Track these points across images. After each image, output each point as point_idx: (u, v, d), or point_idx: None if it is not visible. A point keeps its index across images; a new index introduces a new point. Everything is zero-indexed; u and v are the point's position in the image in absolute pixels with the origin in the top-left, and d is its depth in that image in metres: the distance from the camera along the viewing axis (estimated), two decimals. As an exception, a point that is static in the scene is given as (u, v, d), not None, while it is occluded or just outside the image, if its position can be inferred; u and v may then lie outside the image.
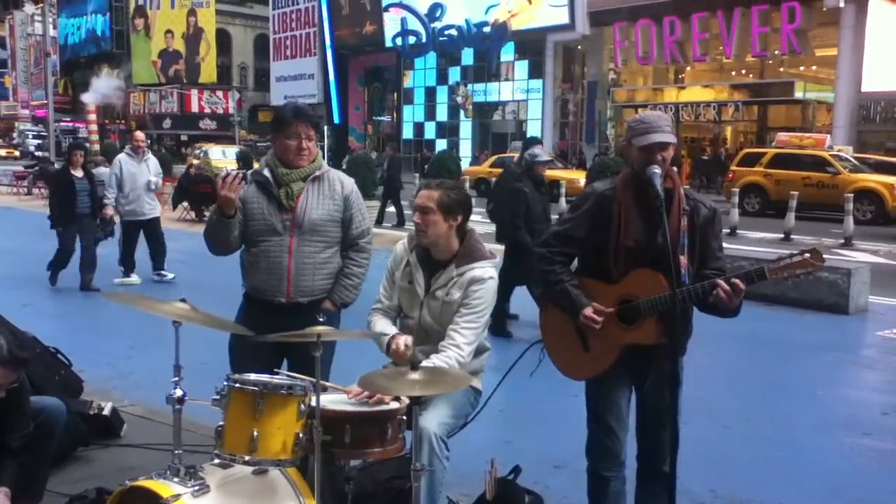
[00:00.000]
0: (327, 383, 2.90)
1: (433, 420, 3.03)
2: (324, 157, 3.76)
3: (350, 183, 3.66)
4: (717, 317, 2.93)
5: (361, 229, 3.63)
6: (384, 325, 3.34)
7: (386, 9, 41.47)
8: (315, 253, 3.50)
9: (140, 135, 10.20)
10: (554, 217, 5.64)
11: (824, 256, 2.87)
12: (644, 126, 2.92)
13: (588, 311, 2.95)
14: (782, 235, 15.54)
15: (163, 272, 9.93)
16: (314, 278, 3.51)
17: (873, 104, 26.68)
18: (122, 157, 9.82)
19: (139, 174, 9.63)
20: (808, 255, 2.79)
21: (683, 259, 2.88)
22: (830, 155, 20.54)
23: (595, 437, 3.13)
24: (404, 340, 3.18)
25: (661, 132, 2.89)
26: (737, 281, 2.80)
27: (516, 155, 10.89)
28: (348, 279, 3.60)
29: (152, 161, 10.03)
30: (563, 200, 19.38)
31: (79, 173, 9.36)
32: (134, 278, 9.70)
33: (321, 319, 2.85)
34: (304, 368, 3.30)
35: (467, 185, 19.36)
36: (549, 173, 24.89)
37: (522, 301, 6.92)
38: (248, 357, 3.42)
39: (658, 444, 3.04)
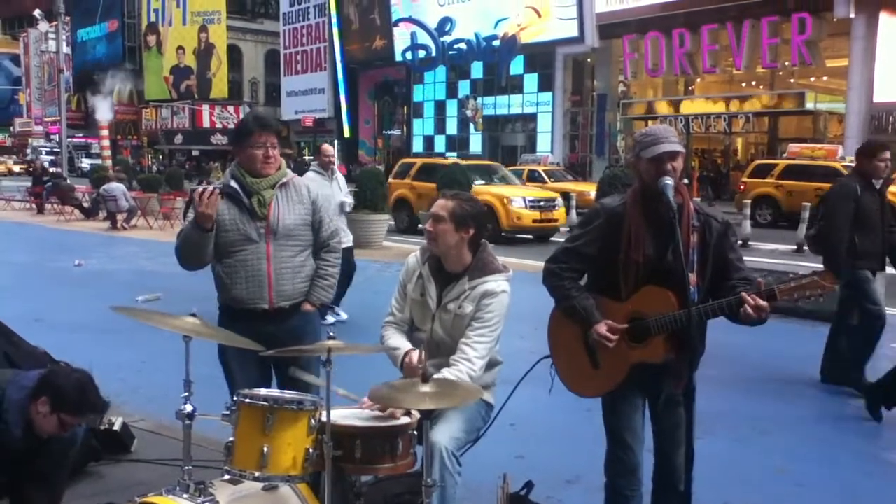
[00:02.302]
0: (340, 391, 2.88)
1: (444, 434, 3.00)
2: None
3: (315, 188, 3.76)
4: (746, 325, 2.86)
5: (331, 230, 3.72)
6: (397, 340, 3.33)
7: (395, 23, 41.72)
8: (291, 257, 3.57)
9: (329, 148, 8.35)
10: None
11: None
12: (651, 138, 2.91)
13: (602, 329, 2.92)
14: (795, 247, 15.44)
15: (337, 310, 8.07)
16: (294, 282, 3.58)
17: (885, 114, 26.57)
18: (310, 175, 7.91)
19: (330, 195, 7.78)
20: (817, 277, 2.75)
21: (693, 276, 2.83)
22: (843, 166, 20.43)
23: (613, 453, 3.09)
24: (417, 355, 3.17)
25: (669, 142, 2.88)
26: (762, 303, 2.74)
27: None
28: (324, 280, 3.69)
29: (341, 178, 8.36)
30: (573, 213, 19.35)
31: None
32: (343, 315, 8.04)
33: (331, 334, 2.83)
34: (293, 379, 3.30)
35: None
36: (560, 185, 25.09)
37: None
38: (238, 370, 3.49)
39: (673, 462, 3.01)
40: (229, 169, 3.67)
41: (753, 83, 32.80)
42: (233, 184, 3.54)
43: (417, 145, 44.09)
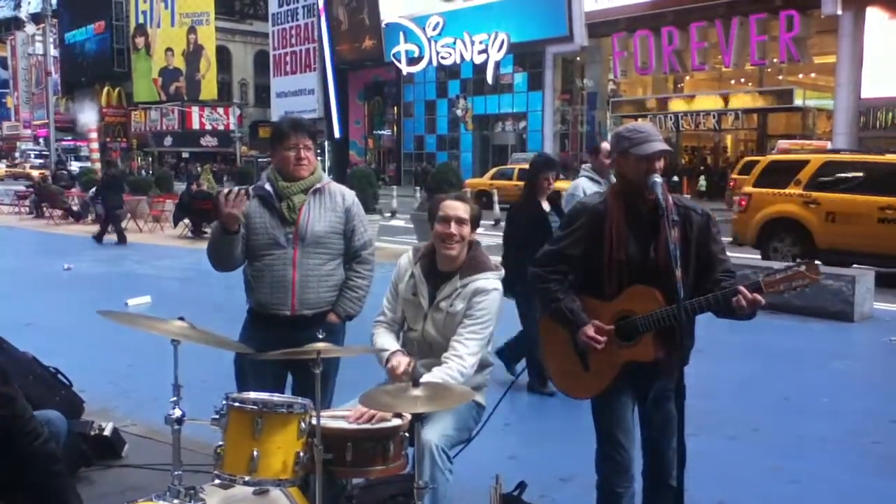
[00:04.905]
0: (325, 413, 2.85)
1: (435, 432, 3.00)
2: (326, 173, 3.76)
3: (351, 195, 3.68)
4: (734, 320, 2.86)
5: (364, 241, 3.64)
6: (385, 340, 3.33)
7: (386, 24, 41.66)
8: (319, 265, 3.52)
9: (607, 147, 5.85)
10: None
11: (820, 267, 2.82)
12: (643, 135, 2.88)
13: (589, 331, 2.91)
14: (785, 243, 15.44)
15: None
16: (318, 290, 3.53)
17: (873, 111, 26.71)
18: (583, 182, 6.07)
19: None
20: (803, 267, 2.76)
21: (677, 272, 2.81)
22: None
23: (605, 452, 3.08)
24: (405, 363, 3.15)
25: (660, 141, 2.89)
26: (757, 295, 2.73)
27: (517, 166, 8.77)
28: (353, 291, 3.62)
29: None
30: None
31: (547, 206, 5.85)
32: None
33: (320, 336, 2.81)
34: (309, 384, 3.28)
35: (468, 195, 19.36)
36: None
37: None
38: (254, 374, 3.44)
39: (665, 457, 3.00)
40: (265, 172, 3.64)
41: (742, 80, 32.90)
42: (266, 187, 3.52)
43: (408, 145, 44.11)
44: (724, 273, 2.90)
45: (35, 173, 45.04)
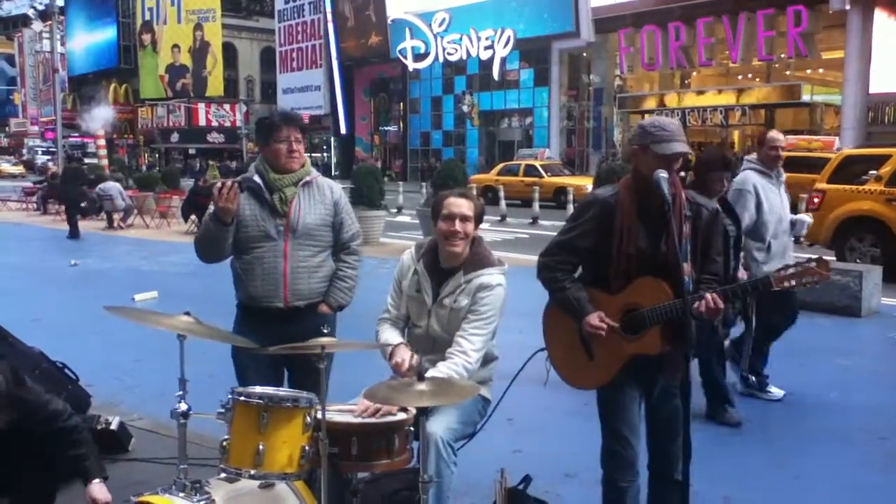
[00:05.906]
0: (331, 407, 2.85)
1: (440, 425, 3.00)
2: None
3: (338, 188, 3.71)
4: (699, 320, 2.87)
5: (352, 232, 3.68)
6: (389, 335, 3.34)
7: (392, 20, 41.66)
8: (309, 257, 3.54)
9: (778, 137, 5.66)
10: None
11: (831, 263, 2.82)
12: (667, 134, 2.85)
13: (594, 320, 2.91)
14: (792, 238, 15.41)
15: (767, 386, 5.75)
16: (310, 282, 3.55)
17: (881, 105, 26.58)
18: (751, 175, 5.45)
19: (781, 208, 5.60)
20: (813, 263, 2.75)
21: (687, 266, 2.80)
22: (839, 157, 20.39)
23: (609, 447, 3.08)
24: (409, 359, 3.15)
25: (683, 142, 2.87)
26: (720, 303, 2.75)
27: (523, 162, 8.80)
28: (343, 282, 3.65)
29: (783, 182, 5.73)
30: (570, 207, 19.38)
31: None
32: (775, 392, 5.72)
33: (325, 330, 2.82)
34: (305, 378, 3.29)
35: (474, 192, 19.39)
36: (557, 180, 25.14)
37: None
38: (251, 368, 3.45)
39: (670, 452, 3.00)
40: (254, 164, 3.65)
41: (750, 76, 32.79)
42: (256, 179, 3.53)
43: (414, 141, 44.10)
44: (710, 275, 2.93)
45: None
